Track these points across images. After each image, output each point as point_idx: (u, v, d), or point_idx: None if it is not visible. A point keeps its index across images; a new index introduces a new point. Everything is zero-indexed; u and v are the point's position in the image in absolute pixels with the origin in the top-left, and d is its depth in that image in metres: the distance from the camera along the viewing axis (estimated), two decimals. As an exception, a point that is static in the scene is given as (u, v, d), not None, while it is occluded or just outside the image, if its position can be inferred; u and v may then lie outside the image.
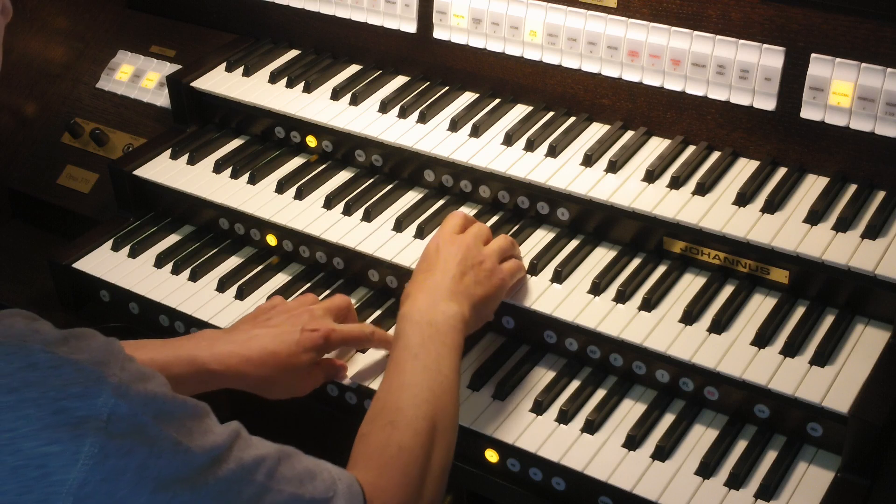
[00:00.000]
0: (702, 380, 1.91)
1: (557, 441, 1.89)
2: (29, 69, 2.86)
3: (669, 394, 1.96)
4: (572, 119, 2.36)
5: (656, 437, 1.87)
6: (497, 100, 2.44)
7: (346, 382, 2.04)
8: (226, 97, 2.57)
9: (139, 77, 2.83)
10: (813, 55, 2.08)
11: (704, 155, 2.22)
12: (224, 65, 2.65)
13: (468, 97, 2.47)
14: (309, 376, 1.98)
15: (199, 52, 2.76)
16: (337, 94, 2.49)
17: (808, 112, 2.11)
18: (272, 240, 2.36)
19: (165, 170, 2.50)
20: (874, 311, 1.94)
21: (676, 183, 2.14)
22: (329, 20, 2.64)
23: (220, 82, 2.60)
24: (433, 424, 1.69)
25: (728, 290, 2.03)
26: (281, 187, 2.39)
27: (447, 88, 2.48)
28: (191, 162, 2.51)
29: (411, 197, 2.34)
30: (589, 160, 2.21)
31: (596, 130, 2.33)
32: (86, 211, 2.67)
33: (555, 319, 2.02)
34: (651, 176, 2.16)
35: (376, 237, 2.23)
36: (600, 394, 1.98)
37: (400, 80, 2.55)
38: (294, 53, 2.69)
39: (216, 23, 2.85)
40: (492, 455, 1.93)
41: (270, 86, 2.57)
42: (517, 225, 2.23)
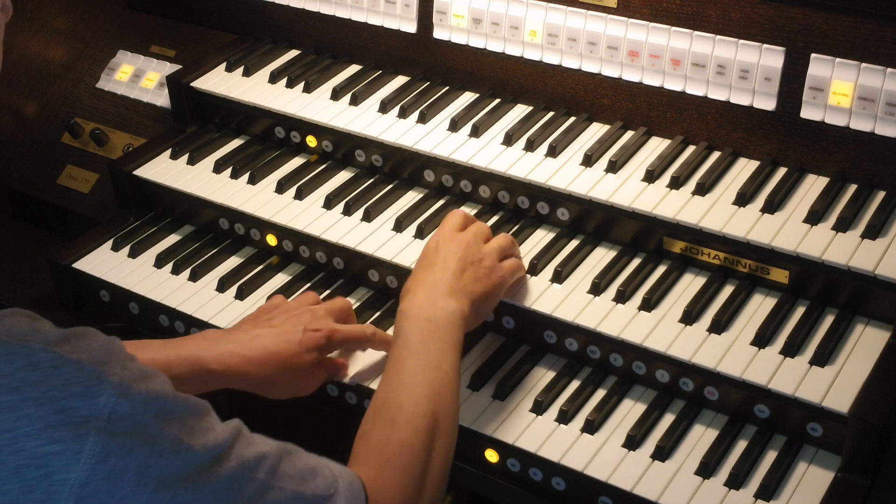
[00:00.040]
0: (702, 380, 1.91)
1: (557, 441, 1.89)
2: (29, 69, 2.86)
3: (669, 394, 1.96)
4: (572, 119, 2.36)
5: (656, 437, 1.87)
6: (497, 100, 2.44)
7: (347, 381, 2.04)
8: (226, 97, 2.57)
9: (139, 77, 2.83)
10: (813, 55, 2.09)
11: (704, 155, 2.22)
12: (224, 65, 2.65)
13: (468, 97, 2.47)
14: (311, 376, 1.98)
15: (199, 52, 2.76)
16: (337, 94, 2.49)
17: (808, 112, 2.11)
18: (272, 240, 2.36)
19: (165, 170, 2.50)
20: (874, 311, 1.94)
21: (676, 183, 2.14)
22: (329, 20, 2.64)
23: (220, 82, 2.60)
24: (434, 421, 1.69)
25: (728, 290, 2.03)
26: (281, 187, 2.39)
27: (447, 88, 2.48)
28: (191, 162, 2.51)
29: (411, 197, 2.34)
30: (589, 160, 2.21)
31: (596, 130, 2.33)
32: (86, 211, 2.67)
33: (555, 319, 2.02)
34: (651, 176, 2.16)
35: (376, 237, 2.23)
36: (600, 394, 1.98)
37: (400, 80, 2.55)
38: (294, 53, 2.69)
39: (216, 23, 2.85)
40: (492, 455, 1.93)
41: (270, 86, 2.57)
42: (517, 225, 2.23)
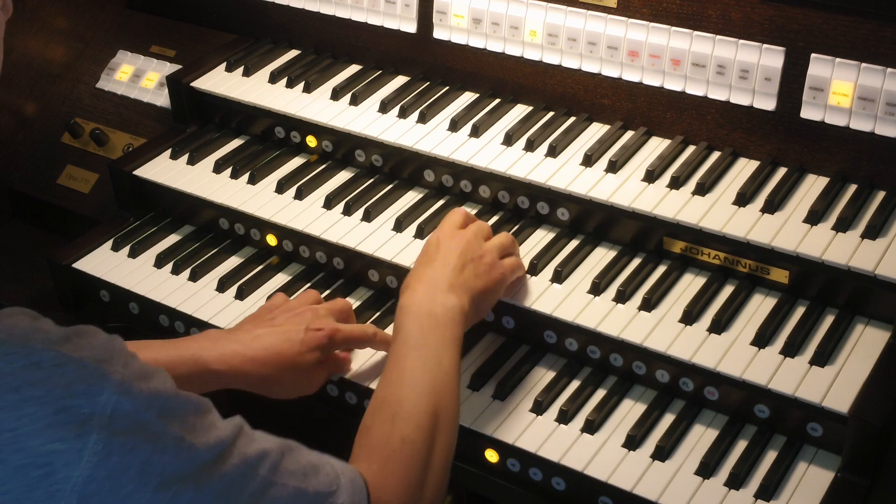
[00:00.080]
0: (702, 380, 1.91)
1: (557, 441, 1.89)
2: (29, 69, 2.86)
3: (669, 394, 1.96)
4: (572, 119, 2.36)
5: (656, 437, 1.87)
6: (497, 100, 2.44)
7: (348, 377, 2.03)
8: (226, 97, 2.57)
9: (139, 77, 2.83)
10: (813, 55, 2.09)
11: (704, 155, 2.22)
12: (224, 65, 2.65)
13: (468, 97, 2.47)
14: (313, 375, 1.97)
15: (199, 52, 2.76)
16: (337, 94, 2.49)
17: (808, 112, 2.11)
18: (272, 240, 2.36)
19: (165, 170, 2.50)
20: (874, 311, 1.94)
21: (676, 183, 2.14)
22: (329, 20, 2.64)
23: (220, 82, 2.60)
24: (435, 417, 1.69)
25: (728, 290, 2.03)
26: (281, 187, 2.39)
27: (447, 88, 2.48)
28: (191, 162, 2.51)
29: (411, 197, 2.34)
30: (589, 160, 2.21)
31: (596, 130, 2.33)
32: (86, 211, 2.67)
33: (555, 319, 2.02)
34: (651, 176, 2.16)
35: (376, 237, 2.23)
36: (600, 394, 1.98)
37: (400, 80, 2.55)
38: (294, 53, 2.69)
39: (216, 23, 2.85)
40: (492, 455, 1.93)
41: (270, 86, 2.57)
42: (517, 225, 2.23)
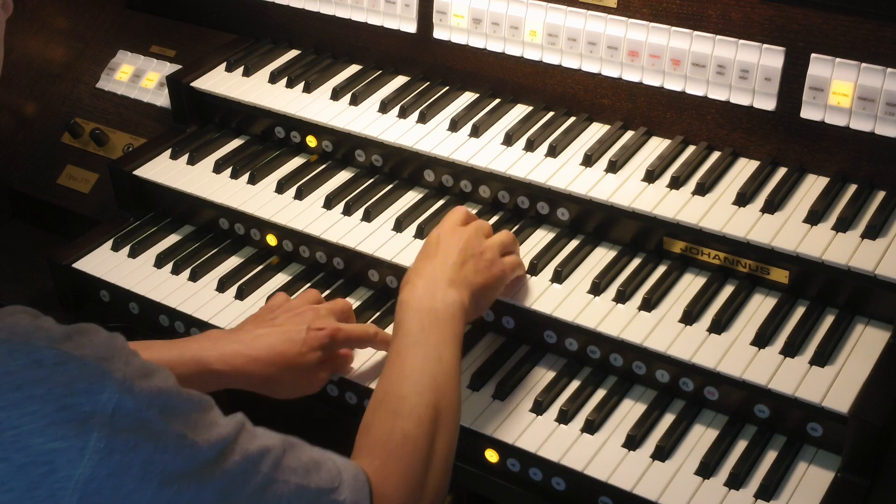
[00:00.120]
0: (702, 380, 1.91)
1: (557, 441, 1.89)
2: (29, 69, 2.86)
3: (669, 394, 1.96)
4: (572, 119, 2.36)
5: (656, 437, 1.87)
6: (497, 100, 2.44)
7: (348, 377, 2.03)
8: (226, 97, 2.57)
9: (139, 77, 2.83)
10: (813, 55, 2.09)
11: (704, 155, 2.22)
12: (224, 65, 2.65)
13: (468, 97, 2.47)
14: (315, 375, 1.97)
15: (199, 52, 2.77)
16: (337, 94, 2.49)
17: (808, 112, 2.11)
18: (272, 240, 2.36)
19: (165, 170, 2.50)
20: (874, 311, 1.94)
21: (676, 183, 2.14)
22: (329, 20, 2.64)
23: (220, 82, 2.60)
24: (436, 412, 1.69)
25: (728, 290, 2.03)
26: (281, 187, 2.39)
27: (447, 88, 2.48)
28: (191, 162, 2.51)
29: (411, 197, 2.34)
30: (589, 160, 2.21)
31: (596, 130, 2.33)
32: (86, 211, 2.67)
33: (555, 319, 2.02)
34: (651, 176, 2.16)
35: (376, 237, 2.23)
36: (600, 394, 1.98)
37: (400, 80, 2.55)
38: (294, 53, 2.69)
39: (216, 23, 2.85)
40: (492, 455, 1.93)
41: (270, 86, 2.57)
42: (517, 225, 2.23)
